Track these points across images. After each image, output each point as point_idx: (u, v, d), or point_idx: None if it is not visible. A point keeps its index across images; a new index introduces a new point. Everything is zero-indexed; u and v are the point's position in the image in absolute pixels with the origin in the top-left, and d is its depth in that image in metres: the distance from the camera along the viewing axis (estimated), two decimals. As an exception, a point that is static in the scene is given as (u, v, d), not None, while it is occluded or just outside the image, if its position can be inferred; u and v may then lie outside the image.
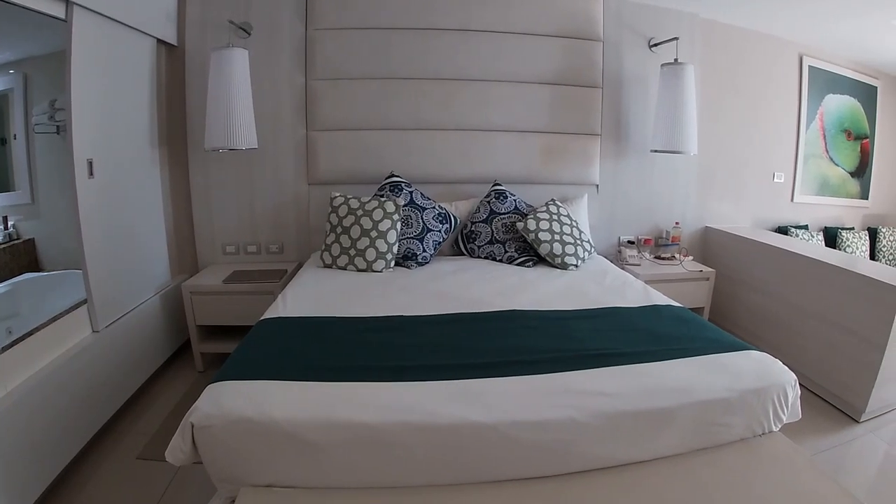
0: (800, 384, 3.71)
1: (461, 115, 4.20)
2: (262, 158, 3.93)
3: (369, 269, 3.42)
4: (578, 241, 3.91)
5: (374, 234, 3.42)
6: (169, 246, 3.94)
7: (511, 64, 4.26)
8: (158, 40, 3.66)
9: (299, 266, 3.87)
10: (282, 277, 3.74)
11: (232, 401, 1.78)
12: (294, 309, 2.66)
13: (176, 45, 3.85)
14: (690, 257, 4.80)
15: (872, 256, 6.28)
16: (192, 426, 1.73)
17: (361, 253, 3.40)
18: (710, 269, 4.60)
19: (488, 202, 3.99)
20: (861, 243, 6.04)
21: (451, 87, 4.15)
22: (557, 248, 3.78)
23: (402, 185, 3.83)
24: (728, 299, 4.86)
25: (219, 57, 3.44)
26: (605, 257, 4.43)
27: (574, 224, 4.01)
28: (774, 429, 2.36)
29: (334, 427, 1.74)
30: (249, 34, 3.78)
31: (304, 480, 1.78)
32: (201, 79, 3.72)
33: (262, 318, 2.55)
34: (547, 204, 4.03)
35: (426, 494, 1.79)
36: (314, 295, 2.91)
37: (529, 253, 3.86)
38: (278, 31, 3.89)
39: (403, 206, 3.70)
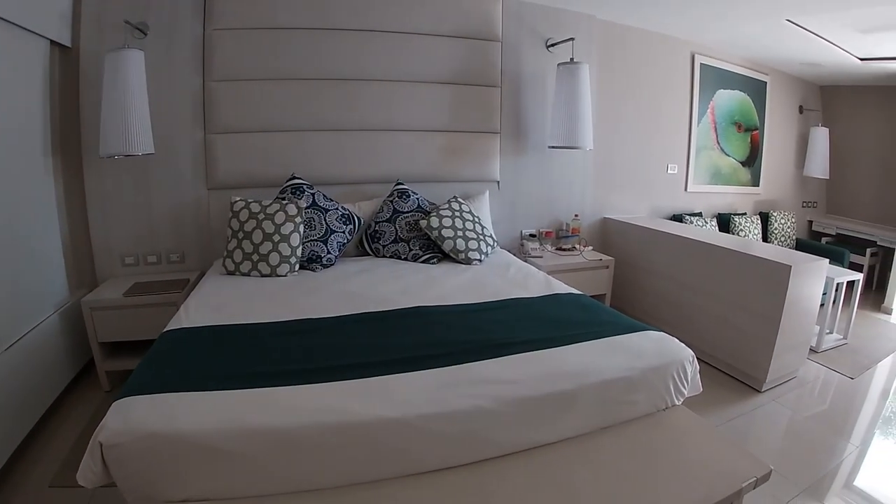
0: (703, 360, 4.31)
1: (363, 116, 4.26)
2: (160, 164, 3.80)
3: (273, 273, 3.40)
4: (481, 237, 4.11)
5: (276, 237, 3.42)
6: (66, 260, 3.71)
7: (412, 64, 4.35)
8: (52, 42, 3.47)
9: (202, 275, 3.77)
10: (184, 287, 3.67)
11: (139, 416, 1.74)
12: (197, 319, 2.61)
13: (70, 46, 3.65)
14: (590, 247, 5.13)
15: (765, 238, 6.85)
16: (101, 445, 1.69)
17: (264, 258, 3.39)
18: (609, 258, 4.94)
19: (391, 202, 4.11)
20: (754, 227, 6.56)
21: (353, 87, 4.19)
22: (461, 244, 3.95)
23: (304, 187, 3.86)
24: (629, 285, 5.24)
25: (114, 59, 3.33)
26: (509, 251, 4.65)
27: (476, 220, 4.20)
28: (677, 403, 2.58)
29: (245, 435, 1.74)
30: (146, 34, 3.69)
31: (220, 492, 1.77)
32: (96, 82, 3.56)
33: (164, 330, 2.51)
34: (449, 201, 4.20)
35: (346, 494, 1.83)
36: (218, 303, 2.87)
37: (434, 250, 4.02)
38: (176, 32, 3.79)
39: (306, 208, 3.72)
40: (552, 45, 4.89)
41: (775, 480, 2.87)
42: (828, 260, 4.18)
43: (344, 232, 3.85)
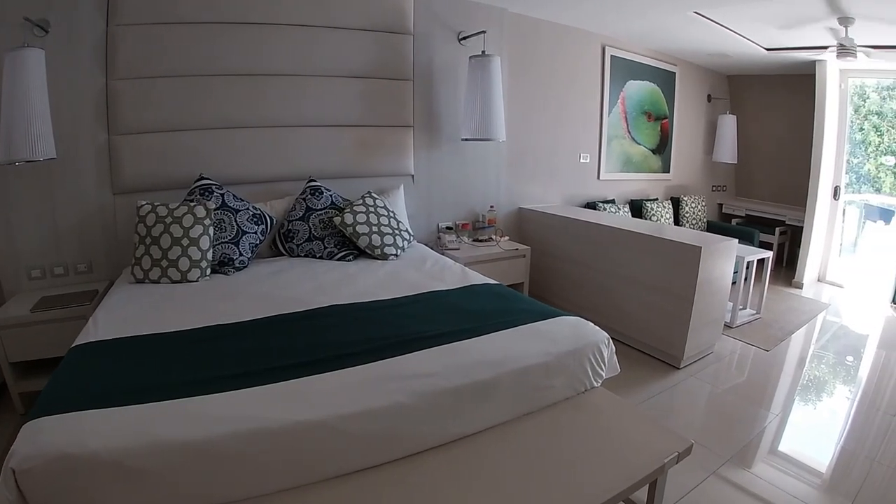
0: (622, 342, 4.62)
1: (273, 112, 4.21)
2: (62, 169, 3.62)
3: (184, 279, 3.32)
4: (397, 231, 4.19)
5: (185, 241, 3.35)
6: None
7: (323, 58, 4.33)
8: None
9: (111, 284, 3.62)
10: (93, 298, 3.52)
11: (49, 438, 1.67)
12: (107, 331, 2.52)
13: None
14: (507, 237, 5.32)
15: (677, 222, 7.24)
16: (14, 471, 1.60)
17: (174, 263, 3.31)
18: (525, 247, 5.15)
19: (304, 199, 4.11)
20: (665, 211, 6.91)
21: (262, 82, 4.15)
22: (376, 239, 4.03)
23: (213, 187, 3.78)
24: (546, 273, 5.47)
25: (13, 59, 3.17)
26: (426, 245, 4.77)
27: (391, 215, 4.27)
28: (596, 385, 2.73)
29: (160, 449, 1.69)
30: (47, 32, 3.48)
31: (139, 513, 1.72)
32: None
33: (73, 345, 2.41)
34: (363, 197, 4.25)
35: (267, 503, 1.82)
36: (127, 313, 2.79)
37: (349, 247, 4.05)
38: (78, 28, 3.60)
39: (215, 209, 3.64)
40: (464, 38, 5.02)
41: (701, 452, 3.15)
42: (737, 240, 4.57)
43: (256, 232, 3.80)
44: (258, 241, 3.85)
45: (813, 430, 3.72)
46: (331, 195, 4.20)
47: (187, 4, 3.84)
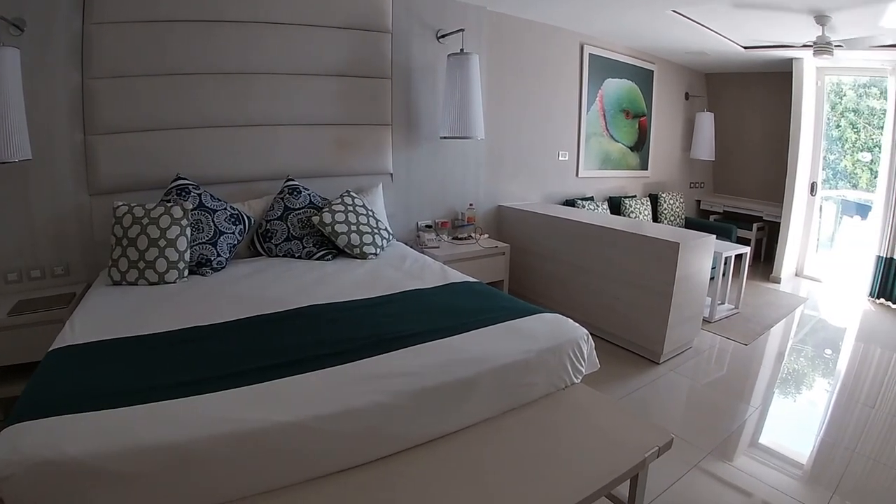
0: (602, 338, 4.68)
1: (251, 111, 4.18)
2: (38, 170, 3.56)
3: (161, 280, 3.29)
4: (376, 230, 4.20)
5: (162, 242, 3.32)
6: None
7: (301, 57, 4.32)
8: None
9: (89, 287, 3.57)
10: (70, 301, 3.46)
11: (28, 444, 1.65)
12: (85, 334, 2.49)
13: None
14: (486, 235, 5.37)
15: (655, 219, 7.33)
16: None
17: (151, 265, 3.27)
18: (504, 244, 5.20)
19: (282, 199, 4.10)
20: (643, 208, 7.00)
21: (240, 81, 4.11)
22: (355, 238, 4.03)
23: (190, 187, 3.75)
24: (526, 271, 5.52)
25: None
26: (405, 243, 4.78)
27: (370, 214, 4.27)
28: (576, 381, 2.76)
29: (141, 453, 1.68)
30: (23, 31, 3.43)
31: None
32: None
33: (50, 349, 2.39)
34: (342, 196, 4.24)
35: None
36: (105, 316, 2.76)
37: (328, 246, 4.05)
38: (54, 27, 3.54)
39: (192, 209, 3.61)
40: (443, 36, 5.05)
41: (683, 446, 3.22)
42: (714, 236, 4.65)
43: (234, 233, 3.78)
44: (236, 242, 3.82)
45: (793, 423, 3.81)
46: (309, 194, 4.19)
47: (164, 3, 3.79)
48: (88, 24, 3.62)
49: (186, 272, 3.44)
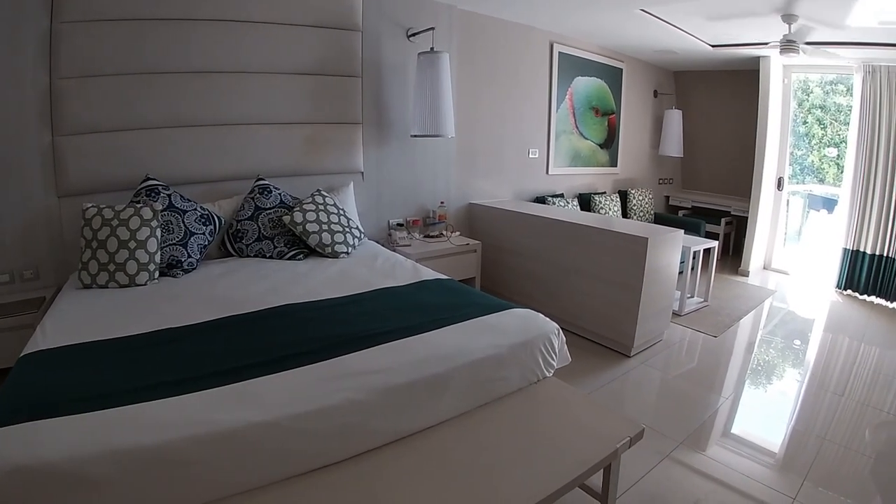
0: (574, 333, 4.77)
1: (220, 110, 4.15)
2: (5, 172, 3.49)
3: (132, 283, 3.26)
4: (347, 229, 4.22)
5: (132, 244, 3.29)
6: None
7: (271, 55, 4.30)
8: None
9: (59, 290, 3.46)
10: (41, 306, 3.43)
11: (3, 450, 1.63)
12: (56, 339, 2.46)
13: None
14: (458, 233, 5.44)
15: (625, 215, 7.46)
16: None
17: (121, 267, 3.24)
18: (476, 242, 5.27)
19: (253, 198, 4.10)
20: (613, 205, 7.11)
21: (209, 80, 4.08)
22: (326, 237, 4.05)
23: (160, 188, 3.72)
24: (498, 267, 5.59)
25: None
26: (377, 242, 4.82)
27: (341, 212, 4.30)
28: (548, 375, 2.83)
29: (118, 456, 1.68)
30: None
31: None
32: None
33: (21, 354, 2.36)
34: (312, 195, 4.25)
35: None
36: (76, 320, 2.73)
37: (299, 246, 4.06)
38: (21, 26, 3.48)
39: (162, 210, 3.57)
40: (413, 34, 5.09)
41: (655, 437, 3.31)
42: (682, 231, 4.75)
43: (204, 233, 3.76)
44: (207, 242, 3.80)
45: (764, 412, 3.93)
46: (280, 194, 4.20)
47: (134, 1, 3.75)
48: (57, 23, 3.56)
49: (157, 274, 3.42)
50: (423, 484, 1.99)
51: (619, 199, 7.37)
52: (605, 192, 7.44)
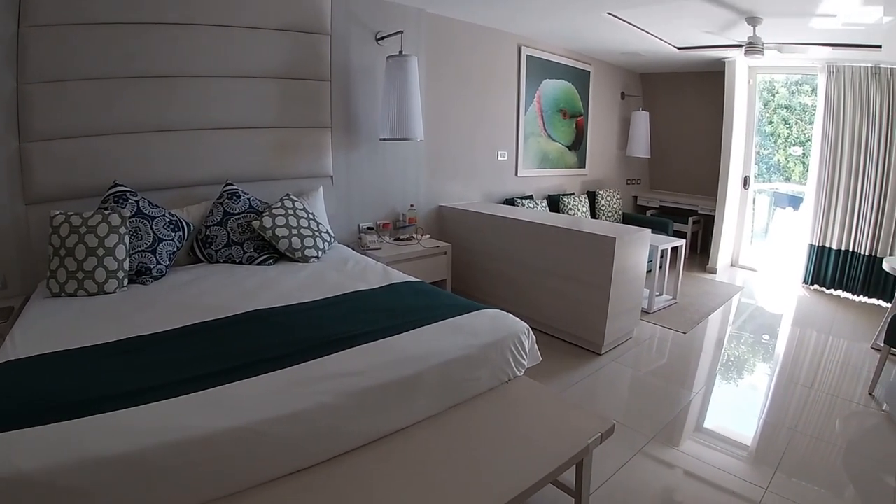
0: (545, 332, 4.86)
1: (187, 114, 4.11)
2: None
3: (101, 291, 3.22)
4: (317, 233, 4.24)
5: (100, 251, 3.25)
6: None
7: (238, 59, 4.28)
8: None
9: (28, 299, 3.40)
10: (9, 316, 3.36)
11: None
12: (26, 348, 2.44)
13: None
14: (428, 235, 5.48)
15: (594, 215, 7.57)
16: None
17: (90, 275, 3.20)
18: (446, 244, 5.31)
19: (221, 204, 4.08)
20: (582, 205, 7.20)
21: (176, 84, 4.04)
22: (296, 242, 4.06)
23: (128, 194, 3.66)
24: (468, 269, 5.66)
25: None
26: (347, 245, 4.84)
27: (311, 217, 4.31)
28: (519, 374, 2.89)
29: (91, 465, 1.67)
30: None
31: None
32: None
33: None
34: (282, 199, 4.26)
35: None
36: (46, 329, 2.71)
37: (269, 251, 4.06)
38: None
39: (130, 217, 3.52)
40: (382, 38, 5.12)
41: (627, 433, 3.39)
42: (650, 230, 4.88)
43: (173, 240, 3.74)
44: (176, 249, 3.78)
45: (735, 406, 4.04)
46: (249, 199, 4.19)
47: (102, 5, 3.69)
48: (23, 27, 3.50)
49: (126, 281, 3.38)
50: (398, 484, 2.02)
51: (587, 200, 7.47)
52: (573, 194, 7.53)
